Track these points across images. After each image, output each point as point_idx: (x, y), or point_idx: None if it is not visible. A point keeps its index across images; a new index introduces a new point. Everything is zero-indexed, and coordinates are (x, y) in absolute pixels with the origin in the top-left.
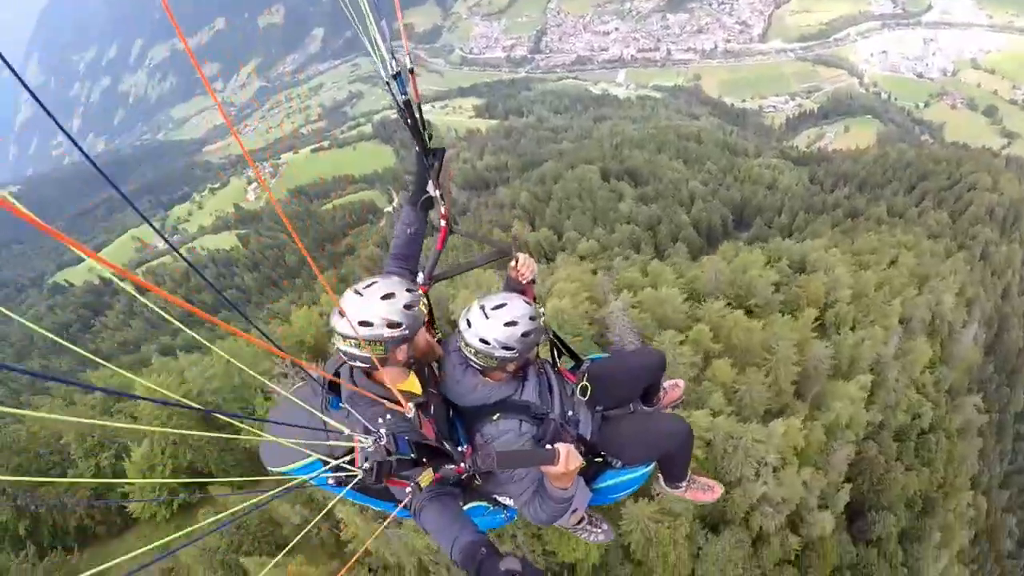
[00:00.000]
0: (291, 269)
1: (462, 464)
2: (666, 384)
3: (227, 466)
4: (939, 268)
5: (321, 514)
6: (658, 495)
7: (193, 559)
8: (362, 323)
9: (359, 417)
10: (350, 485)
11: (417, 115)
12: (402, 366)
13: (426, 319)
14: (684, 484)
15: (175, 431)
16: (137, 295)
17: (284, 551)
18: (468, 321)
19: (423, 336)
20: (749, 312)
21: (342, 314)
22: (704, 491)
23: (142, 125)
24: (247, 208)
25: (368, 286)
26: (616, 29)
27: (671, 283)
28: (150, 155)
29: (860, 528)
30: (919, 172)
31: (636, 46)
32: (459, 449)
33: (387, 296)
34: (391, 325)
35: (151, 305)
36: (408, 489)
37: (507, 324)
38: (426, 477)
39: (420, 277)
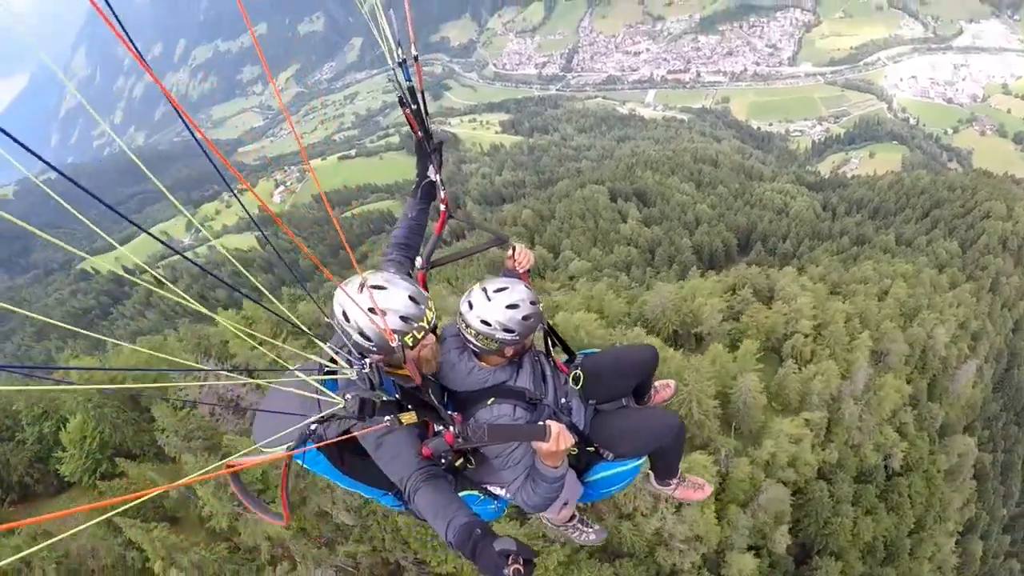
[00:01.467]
0: (305, 272)
1: (451, 429)
2: (657, 384)
3: (143, 445)
4: (935, 300)
5: (177, 484)
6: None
7: (85, 516)
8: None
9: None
10: (329, 411)
11: (420, 102)
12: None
13: (426, 336)
14: (675, 482)
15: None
16: (169, 283)
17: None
18: (470, 303)
19: (427, 350)
20: (699, 339)
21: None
22: (694, 490)
23: (181, 122)
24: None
25: (374, 286)
26: (647, 50)
27: (615, 307)
28: (186, 152)
29: (803, 573)
30: (933, 199)
31: (666, 67)
32: (449, 413)
33: (379, 311)
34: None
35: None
36: (387, 419)
37: (509, 306)
38: (408, 416)
39: (418, 262)
